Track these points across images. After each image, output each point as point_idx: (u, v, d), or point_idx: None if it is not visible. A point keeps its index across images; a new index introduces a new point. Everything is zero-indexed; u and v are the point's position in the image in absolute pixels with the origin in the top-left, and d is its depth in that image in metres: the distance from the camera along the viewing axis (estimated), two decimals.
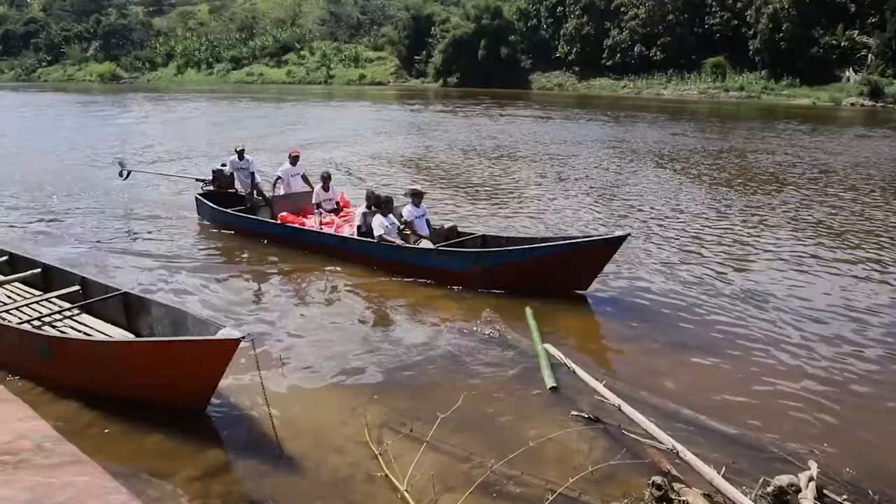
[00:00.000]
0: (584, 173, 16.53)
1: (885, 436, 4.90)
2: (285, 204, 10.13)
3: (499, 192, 14.04)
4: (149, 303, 6.05)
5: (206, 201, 10.88)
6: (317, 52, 75.48)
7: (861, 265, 9.04)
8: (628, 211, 12.27)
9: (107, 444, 4.77)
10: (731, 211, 12.32)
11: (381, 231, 8.22)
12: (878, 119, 34.76)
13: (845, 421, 5.09)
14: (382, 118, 32.66)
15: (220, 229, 10.56)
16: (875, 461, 4.54)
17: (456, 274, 7.85)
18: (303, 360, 6.06)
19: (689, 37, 53.87)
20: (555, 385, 5.41)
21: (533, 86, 60.46)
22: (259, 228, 10.00)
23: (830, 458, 4.39)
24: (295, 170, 10.65)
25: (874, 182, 15.53)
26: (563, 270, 7.43)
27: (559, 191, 14.26)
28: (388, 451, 4.54)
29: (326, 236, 9.11)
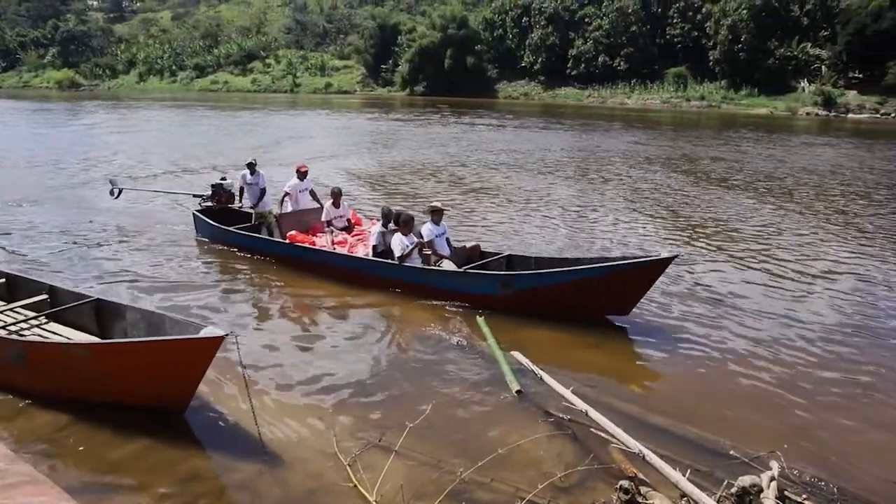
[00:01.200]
0: (555, 186, 16.72)
1: (842, 436, 5.04)
2: (293, 221, 9.52)
3: (478, 202, 14.10)
4: (123, 308, 5.88)
5: (205, 218, 10.21)
6: (282, 60, 75.00)
7: (816, 270, 9.30)
8: (587, 217, 12.45)
9: (74, 458, 4.66)
10: (688, 214, 12.59)
11: (400, 252, 7.71)
12: (831, 127, 35.95)
13: (805, 423, 5.22)
14: (348, 127, 32.60)
15: (222, 248, 9.89)
16: (833, 460, 4.65)
17: (484, 297, 7.33)
18: (269, 373, 5.99)
19: (652, 47, 55.06)
20: (519, 389, 5.43)
21: (499, 95, 60.98)
22: (266, 248, 9.40)
23: (791, 458, 4.48)
24: (303, 185, 9.98)
25: (833, 187, 16.06)
26: (604, 294, 6.91)
27: (533, 202, 14.37)
28: (357, 462, 4.51)
29: (341, 257, 8.49)
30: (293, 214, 9.72)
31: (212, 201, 10.73)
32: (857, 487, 4.28)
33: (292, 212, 9.78)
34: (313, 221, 9.61)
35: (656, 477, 4.11)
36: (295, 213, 9.77)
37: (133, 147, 22.75)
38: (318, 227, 9.44)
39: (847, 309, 7.74)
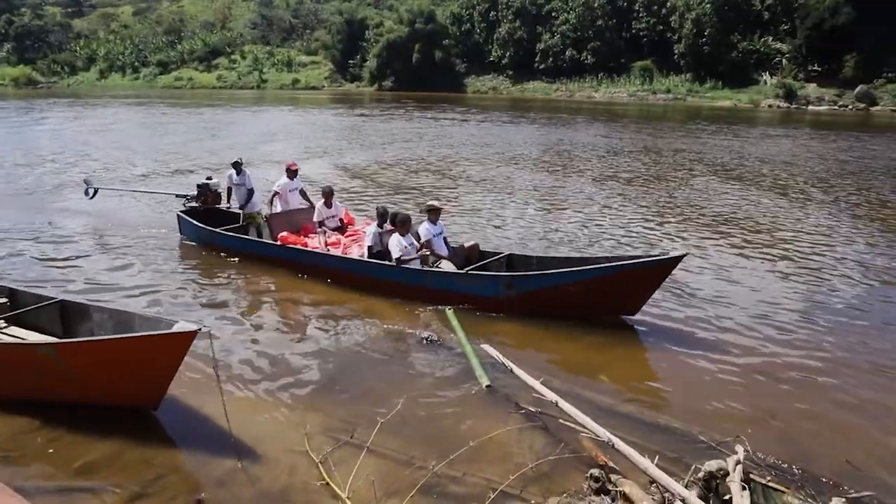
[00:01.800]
0: (527, 177, 16.80)
1: (803, 419, 5.16)
2: (284, 222, 9.20)
3: (454, 195, 14.10)
4: (89, 308, 5.73)
5: (190, 219, 9.88)
6: (248, 56, 73.98)
7: (776, 257, 9.52)
8: (556, 208, 12.55)
9: (41, 462, 4.55)
10: (649, 205, 12.78)
11: (399, 253, 7.45)
12: (792, 119, 36.79)
13: (769, 407, 5.33)
14: (313, 123, 32.30)
15: (209, 250, 9.56)
16: (795, 443, 4.78)
17: (486, 299, 7.10)
18: (243, 370, 5.93)
19: (618, 41, 55.64)
20: (489, 383, 5.45)
21: (468, 89, 61.04)
22: (256, 250, 9.09)
23: (756, 442, 4.59)
24: (293, 184, 9.68)
25: (789, 177, 16.44)
26: (612, 294, 6.70)
27: (500, 196, 14.42)
28: (328, 459, 4.48)
29: (335, 259, 8.21)
30: (283, 215, 9.41)
31: (197, 202, 10.36)
32: (818, 467, 4.40)
33: (282, 212, 9.47)
34: (304, 222, 9.31)
35: (626, 464, 4.16)
36: (285, 213, 9.45)
37: (102, 147, 22.13)
38: (309, 228, 9.16)
39: (805, 295, 7.94)
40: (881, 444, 4.81)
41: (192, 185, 11.08)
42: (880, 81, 43.93)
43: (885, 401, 5.41)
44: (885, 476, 4.37)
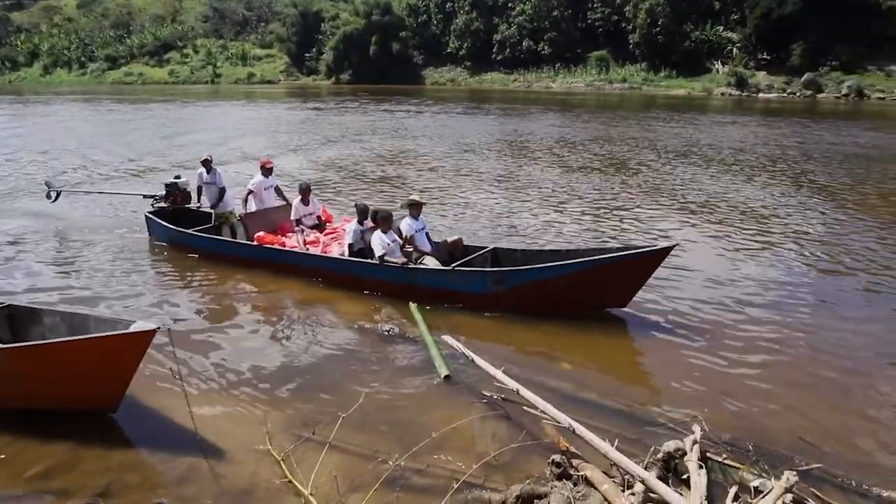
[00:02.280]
0: (486, 167, 16.84)
1: (758, 397, 5.30)
2: (259, 221, 8.93)
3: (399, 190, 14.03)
4: (39, 312, 5.54)
5: (159, 220, 9.53)
6: (201, 50, 72.27)
7: (733, 240, 9.76)
8: (520, 195, 12.62)
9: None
10: (593, 189, 12.97)
11: (381, 251, 7.26)
12: (743, 107, 37.73)
13: (725, 387, 5.47)
14: (273, 118, 31.83)
15: (180, 252, 9.22)
16: (751, 420, 4.91)
17: (474, 296, 6.92)
18: (204, 368, 5.84)
19: (574, 32, 56.12)
20: (448, 374, 5.45)
21: (426, 81, 60.82)
22: (231, 251, 8.76)
23: (712, 421, 4.70)
24: (268, 182, 9.44)
25: (740, 161, 16.87)
26: (603, 287, 6.63)
27: (467, 187, 14.43)
28: (290, 457, 4.43)
29: (317, 258, 7.99)
30: (259, 214, 9.14)
31: (166, 202, 9.98)
32: (771, 443, 4.53)
33: (257, 211, 9.20)
34: (280, 220, 9.07)
35: (588, 448, 4.21)
36: (260, 212, 9.18)
37: (58, 147, 21.08)
38: (286, 227, 8.91)
39: (758, 278, 8.14)
40: (831, 418, 4.97)
41: (158, 184, 10.76)
42: (825, 69, 45.36)
43: (835, 378, 5.60)
44: (834, 449, 4.53)
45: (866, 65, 45.45)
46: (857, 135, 23.52)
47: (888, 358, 5.94)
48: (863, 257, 8.96)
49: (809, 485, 4.03)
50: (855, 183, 14.43)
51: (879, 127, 26.77)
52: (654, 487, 3.63)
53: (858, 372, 5.67)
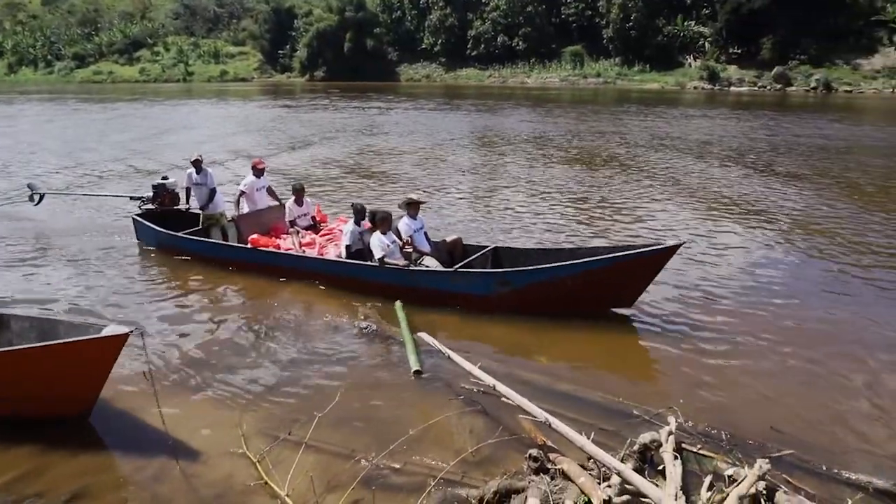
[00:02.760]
0: (458, 163, 16.83)
1: (732, 387, 5.38)
2: (252, 223, 8.72)
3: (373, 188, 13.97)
4: (7, 318, 5.40)
5: (147, 223, 9.24)
6: (172, 47, 71.26)
7: (703, 231, 9.87)
8: (498, 191, 12.64)
9: None
10: (577, 185, 13.06)
11: (381, 252, 7.05)
12: (716, 100, 38.21)
13: (699, 378, 5.53)
14: (247, 117, 31.50)
15: (169, 255, 8.92)
16: (724, 410, 4.97)
17: (479, 298, 6.75)
18: (179, 371, 5.76)
19: (548, 27, 56.37)
20: (418, 369, 5.43)
21: (401, 77, 60.67)
22: (225, 254, 8.47)
23: (687, 412, 4.75)
24: (260, 183, 9.16)
25: (707, 152, 17.10)
26: (610, 286, 6.50)
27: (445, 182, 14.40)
28: (266, 458, 4.38)
29: (317, 261, 7.77)
30: (252, 215, 8.89)
31: (153, 204, 9.66)
32: (744, 432, 4.58)
33: (250, 212, 8.95)
34: (273, 221, 8.86)
35: (565, 442, 4.22)
36: (253, 213, 8.94)
37: (34, 149, 20.47)
38: (279, 228, 8.72)
39: (730, 269, 8.24)
40: (801, 406, 5.05)
41: (144, 185, 10.49)
42: (794, 63, 46.11)
43: (805, 367, 5.69)
44: (804, 435, 4.60)
45: (833, 58, 46.30)
46: (824, 127, 24.04)
47: (856, 346, 6.05)
48: (832, 248, 9.13)
49: (782, 471, 4.09)
50: (819, 174, 14.70)
51: (844, 118, 27.40)
52: (629, 479, 3.65)
53: (828, 360, 5.76)
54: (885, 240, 9.46)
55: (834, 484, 4.07)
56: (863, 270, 8.17)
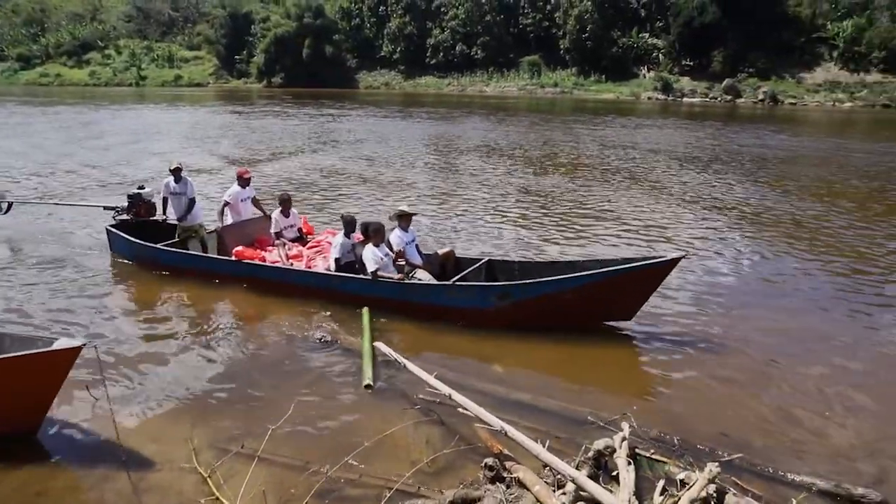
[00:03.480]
0: (415, 171, 16.83)
1: (683, 393, 5.51)
2: (237, 234, 8.33)
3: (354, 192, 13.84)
4: None
5: (122, 234, 8.80)
6: (124, 51, 69.51)
7: (654, 238, 10.09)
8: (452, 196, 12.67)
9: None
10: (514, 189, 13.22)
11: (375, 266, 6.84)
12: (669, 111, 39.20)
13: (651, 384, 5.65)
14: (197, 123, 30.92)
15: (145, 268, 8.50)
16: (676, 416, 5.07)
17: (476, 312, 6.59)
18: (131, 385, 5.59)
19: (507, 37, 57.05)
20: (369, 383, 5.36)
21: (360, 85, 60.48)
22: (208, 267, 8.11)
23: (640, 418, 4.82)
24: (245, 193, 8.81)
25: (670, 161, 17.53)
26: (610, 299, 6.41)
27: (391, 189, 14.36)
28: (217, 473, 4.28)
29: (306, 275, 7.47)
30: (235, 227, 8.52)
31: (128, 214, 9.20)
32: (696, 437, 4.68)
33: (234, 224, 8.58)
34: (258, 233, 8.56)
35: (521, 450, 4.23)
36: (237, 224, 8.58)
37: None
38: (264, 240, 8.42)
39: (677, 277, 8.39)
40: (750, 410, 5.19)
41: (112, 194, 10.00)
42: (743, 76, 47.73)
43: (754, 372, 5.84)
44: (753, 439, 4.73)
45: (780, 72, 48.11)
46: (766, 137, 25.12)
47: (804, 351, 6.25)
48: (782, 254, 9.43)
49: (731, 474, 4.18)
50: (762, 181, 15.20)
51: (785, 129, 28.60)
52: (583, 486, 3.68)
53: (776, 365, 5.93)
54: (835, 246, 9.82)
55: (780, 485, 4.18)
56: (810, 278, 8.46)
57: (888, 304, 7.60)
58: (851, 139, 25.99)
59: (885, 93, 44.39)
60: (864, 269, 8.82)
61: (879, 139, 25.89)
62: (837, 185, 15.23)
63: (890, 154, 20.83)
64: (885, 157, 20.21)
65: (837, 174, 16.90)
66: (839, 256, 9.36)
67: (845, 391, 5.45)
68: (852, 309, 7.38)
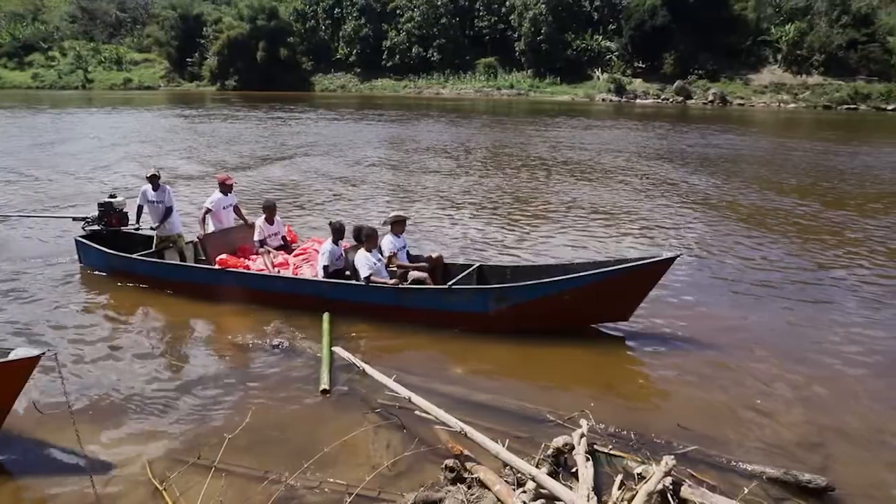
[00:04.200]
0: (373, 172, 16.75)
1: (638, 388, 5.63)
2: (220, 243, 8.03)
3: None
4: None
5: (95, 245, 8.44)
6: (69, 52, 67.31)
7: (599, 235, 10.28)
8: (412, 196, 12.67)
9: None
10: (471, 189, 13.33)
11: (368, 271, 6.70)
12: (623, 112, 39.98)
13: (608, 381, 5.74)
14: (144, 126, 30.18)
15: (121, 280, 8.15)
16: (633, 411, 5.17)
17: (473, 316, 6.52)
18: (82, 400, 5.38)
19: (462, 39, 57.37)
20: (326, 388, 5.31)
21: (316, 87, 59.96)
22: (191, 277, 7.75)
23: (598, 415, 4.88)
24: (227, 200, 8.50)
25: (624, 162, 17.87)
26: (607, 300, 6.38)
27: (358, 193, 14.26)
28: (173, 485, 4.17)
29: (293, 283, 7.24)
30: (218, 235, 8.22)
31: (99, 224, 8.83)
32: (652, 431, 4.77)
33: (216, 231, 8.29)
34: (240, 241, 8.26)
35: (481, 451, 4.25)
36: (219, 232, 8.28)
37: None
38: (247, 248, 8.13)
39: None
40: (704, 403, 5.32)
41: (65, 204, 9.48)
42: (693, 77, 49.06)
43: (707, 366, 5.99)
44: (706, 429, 4.85)
45: (728, 74, 49.63)
46: (712, 136, 25.98)
47: (750, 343, 6.43)
48: (717, 249, 9.70)
49: (687, 466, 4.27)
50: (711, 181, 15.65)
51: (732, 129, 29.59)
52: (543, 483, 3.72)
53: (729, 359, 6.08)
54: (780, 240, 10.16)
55: (733, 474, 4.30)
56: (758, 271, 8.73)
57: (831, 299, 7.88)
58: (793, 139, 27.03)
59: (825, 94, 46.28)
60: (808, 264, 9.15)
61: (817, 139, 26.94)
62: (777, 181, 15.77)
63: (828, 153, 21.75)
64: (821, 155, 21.20)
65: (778, 172, 17.55)
66: (785, 252, 9.69)
67: (796, 382, 5.63)
68: (802, 299, 7.68)
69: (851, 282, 8.37)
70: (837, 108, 44.56)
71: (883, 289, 8.11)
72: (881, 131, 32.10)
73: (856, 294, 7.92)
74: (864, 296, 7.85)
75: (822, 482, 4.11)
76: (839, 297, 7.85)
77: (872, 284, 8.27)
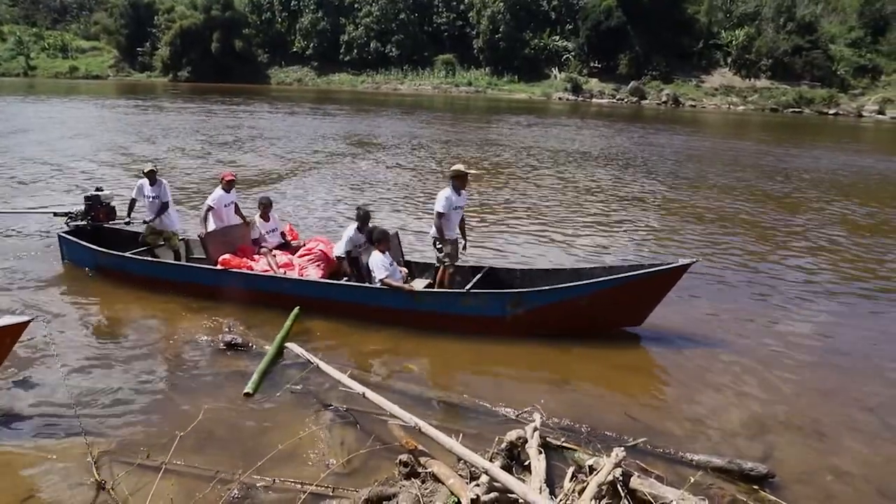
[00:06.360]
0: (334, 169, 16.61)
1: (588, 382, 5.74)
2: (222, 241, 7.68)
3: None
4: None
5: (80, 241, 8.04)
6: (9, 37, 64.45)
7: (558, 231, 10.44)
8: (362, 191, 12.63)
9: None
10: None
11: (385, 273, 6.55)
12: (579, 111, 40.58)
13: (559, 375, 5.86)
14: (106, 118, 29.24)
15: (107, 279, 7.82)
16: (584, 405, 5.28)
17: (489, 320, 6.46)
18: (19, 399, 5.21)
19: (421, 35, 57.26)
20: (249, 391, 5.20)
21: (272, 80, 59.02)
22: (190, 278, 7.46)
23: (550, 409, 4.99)
24: (229, 198, 8.17)
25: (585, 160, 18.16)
26: (621, 305, 6.40)
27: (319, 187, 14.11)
28: (121, 485, 4.07)
29: (304, 284, 7.02)
30: (219, 233, 7.87)
31: (85, 219, 8.42)
32: (602, 424, 4.89)
33: (217, 230, 7.94)
34: (239, 241, 7.91)
35: (436, 446, 4.27)
36: (221, 230, 7.95)
37: None
38: (247, 248, 7.81)
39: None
40: (653, 397, 5.50)
41: None
42: (647, 78, 50.12)
43: (655, 359, 6.19)
44: (655, 422, 5.00)
45: (681, 75, 50.89)
46: (664, 136, 26.74)
47: (697, 338, 6.63)
48: (671, 241, 9.97)
49: (636, 458, 4.40)
50: (661, 178, 16.05)
51: (682, 130, 30.42)
52: (496, 477, 3.76)
53: (678, 353, 6.28)
54: (731, 232, 10.49)
55: (680, 465, 4.44)
56: (708, 265, 8.98)
57: (771, 293, 8.18)
58: (741, 140, 27.94)
59: (772, 97, 47.96)
60: (756, 264, 9.48)
61: (763, 141, 27.93)
62: (728, 182, 16.29)
63: (770, 154, 22.60)
64: (764, 156, 22.05)
65: (726, 172, 18.12)
66: (735, 246, 10.01)
67: (740, 375, 5.84)
68: (752, 293, 7.99)
69: (791, 278, 8.71)
70: (783, 111, 46.23)
71: (822, 287, 8.47)
72: (821, 135, 33.44)
73: (793, 290, 8.26)
74: (802, 292, 8.18)
75: (764, 470, 4.29)
76: (779, 292, 8.16)
77: (811, 283, 8.62)
